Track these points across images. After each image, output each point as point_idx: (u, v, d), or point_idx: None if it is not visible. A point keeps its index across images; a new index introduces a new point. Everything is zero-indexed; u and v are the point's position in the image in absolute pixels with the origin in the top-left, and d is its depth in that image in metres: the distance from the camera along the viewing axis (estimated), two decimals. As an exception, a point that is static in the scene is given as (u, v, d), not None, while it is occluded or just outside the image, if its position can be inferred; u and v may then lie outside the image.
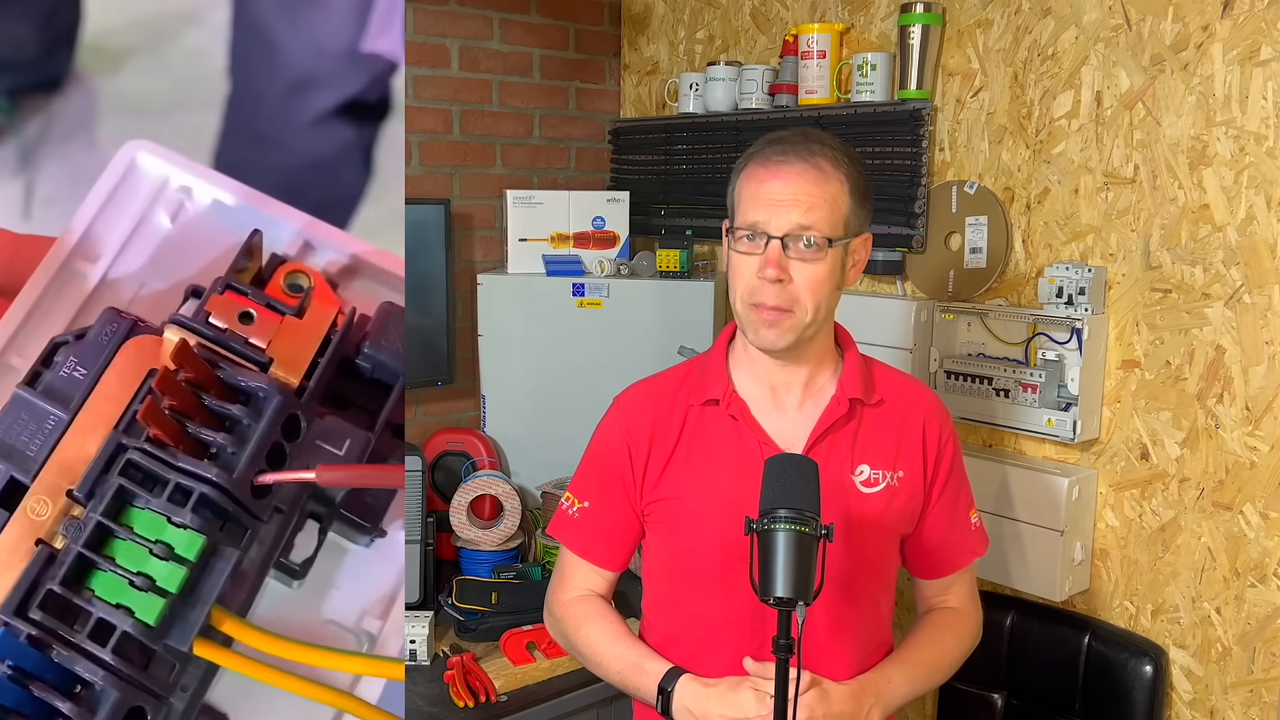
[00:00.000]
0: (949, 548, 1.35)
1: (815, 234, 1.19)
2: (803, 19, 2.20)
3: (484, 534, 2.16)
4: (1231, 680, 1.65)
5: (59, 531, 0.52)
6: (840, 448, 1.27)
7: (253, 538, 0.53)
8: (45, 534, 0.52)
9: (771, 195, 1.20)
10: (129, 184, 0.60)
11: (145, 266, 0.59)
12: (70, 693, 0.49)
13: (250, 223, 0.59)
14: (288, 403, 0.54)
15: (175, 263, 0.59)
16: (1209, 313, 1.63)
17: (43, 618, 0.50)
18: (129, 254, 0.59)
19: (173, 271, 0.59)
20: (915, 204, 1.99)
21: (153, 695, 0.50)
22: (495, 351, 2.34)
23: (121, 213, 0.59)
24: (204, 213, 0.60)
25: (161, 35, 2.26)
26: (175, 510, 0.51)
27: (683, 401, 1.31)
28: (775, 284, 1.19)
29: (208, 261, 0.59)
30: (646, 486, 1.31)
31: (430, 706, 1.67)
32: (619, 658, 1.30)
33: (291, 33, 2.02)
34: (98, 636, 0.50)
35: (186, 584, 0.50)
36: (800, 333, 1.22)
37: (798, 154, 1.21)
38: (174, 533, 0.51)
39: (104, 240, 0.59)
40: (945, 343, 1.93)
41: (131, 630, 0.50)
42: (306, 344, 0.54)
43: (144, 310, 0.58)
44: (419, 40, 2.32)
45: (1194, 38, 1.61)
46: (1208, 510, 1.66)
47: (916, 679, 1.29)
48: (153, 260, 0.59)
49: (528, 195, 2.34)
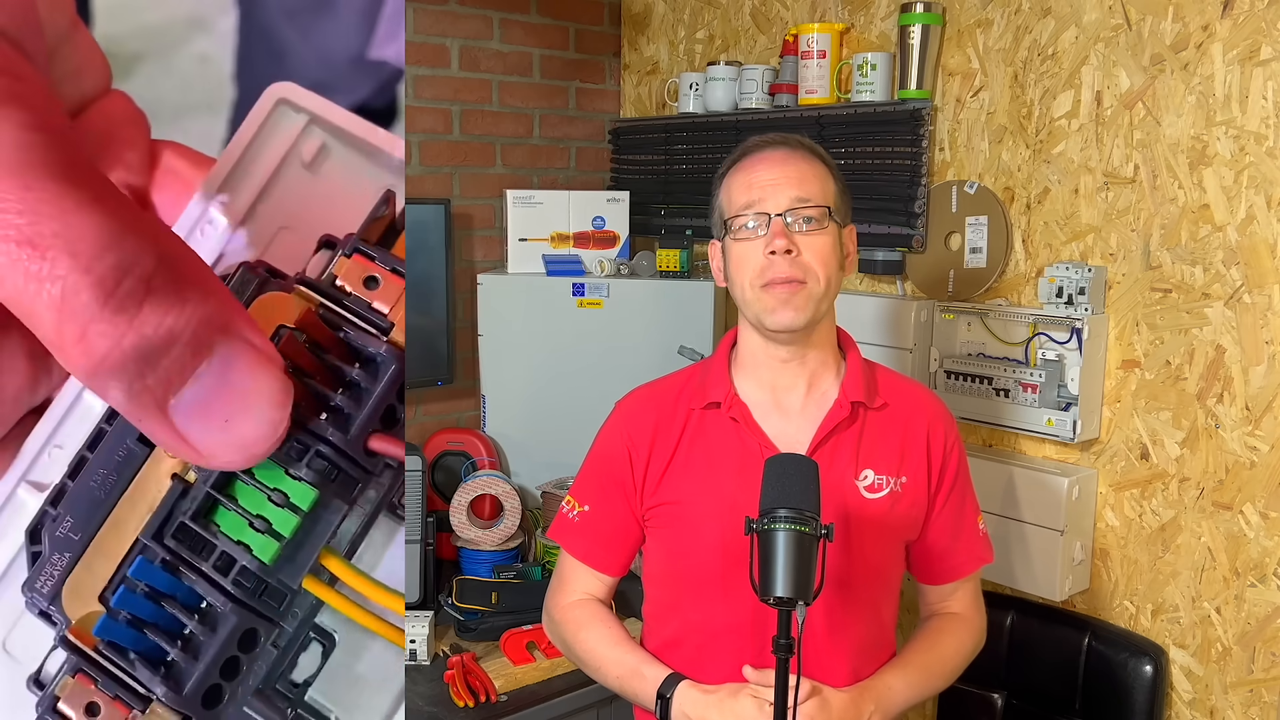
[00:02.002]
0: (954, 554, 1.34)
1: (813, 204, 1.21)
2: (803, 19, 2.20)
3: (484, 534, 2.16)
4: (1231, 680, 1.65)
5: (192, 468, 0.57)
6: (843, 451, 1.27)
7: (362, 491, 0.57)
8: (180, 469, 0.57)
9: (764, 178, 1.24)
10: (271, 127, 0.62)
11: (282, 214, 0.61)
12: (196, 609, 0.56)
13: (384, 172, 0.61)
14: (403, 368, 0.56)
15: (311, 210, 0.61)
16: (1209, 313, 1.63)
17: (175, 545, 0.56)
18: (267, 202, 0.61)
19: (309, 219, 0.60)
20: (915, 204, 1.99)
21: (267, 619, 0.57)
22: (495, 351, 2.34)
23: (263, 158, 0.61)
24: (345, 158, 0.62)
25: (169, 42, 2.27)
26: (292, 464, 0.56)
27: (684, 406, 1.31)
28: (785, 256, 1.19)
29: (342, 211, 0.60)
30: (647, 491, 1.31)
31: (430, 706, 1.67)
32: (618, 663, 1.29)
33: (299, 39, 2.02)
34: (221, 567, 0.56)
35: (299, 530, 0.56)
36: (815, 307, 1.22)
37: (782, 142, 1.27)
38: (290, 484, 0.56)
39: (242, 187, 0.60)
40: (945, 343, 1.93)
41: (249, 565, 0.56)
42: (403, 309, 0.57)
43: (278, 258, 0.59)
44: (419, 40, 2.32)
45: (1194, 37, 1.61)
46: (1208, 510, 1.66)
47: (917, 685, 1.28)
48: (289, 207, 0.61)
49: (528, 195, 2.34)
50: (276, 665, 0.57)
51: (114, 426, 0.57)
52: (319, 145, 0.62)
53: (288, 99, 0.62)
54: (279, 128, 0.62)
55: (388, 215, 0.60)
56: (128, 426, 0.57)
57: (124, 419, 0.54)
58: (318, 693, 0.60)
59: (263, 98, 0.62)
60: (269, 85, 0.63)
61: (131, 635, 0.55)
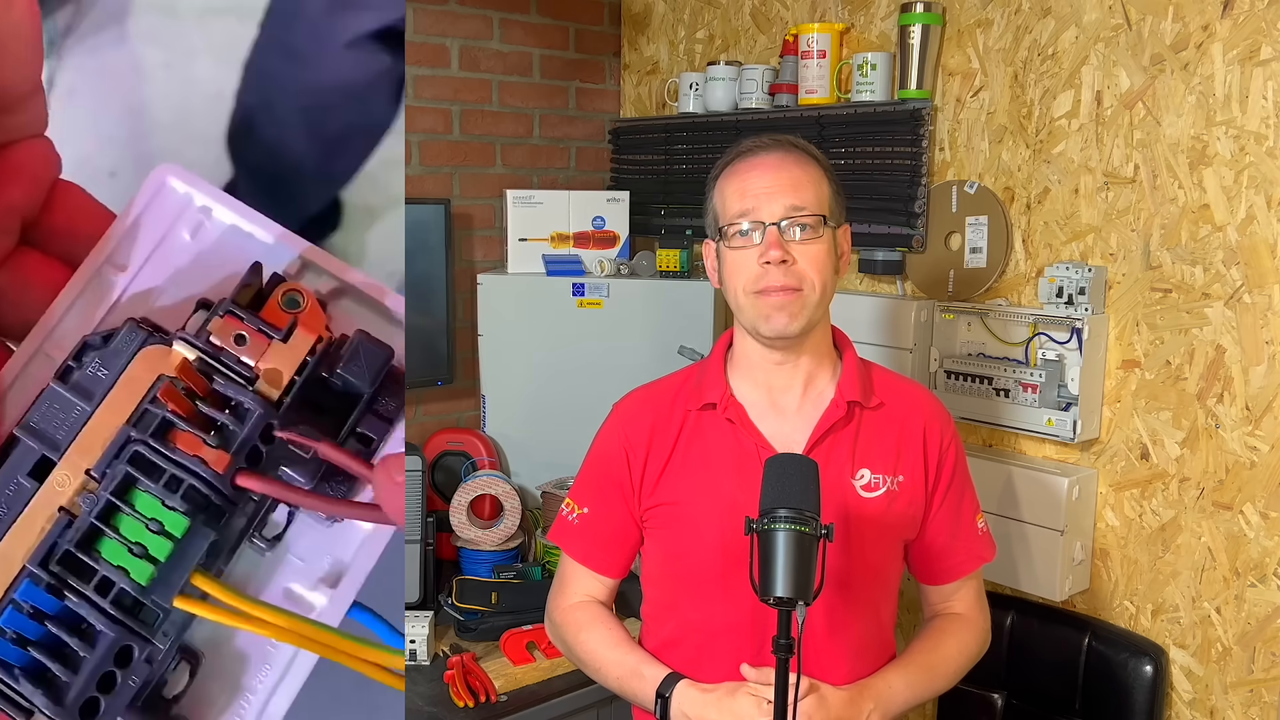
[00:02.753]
0: (954, 553, 1.34)
1: (808, 213, 1.21)
2: (803, 19, 2.20)
3: (484, 534, 2.16)
4: (1231, 680, 1.65)
5: (78, 502, 0.65)
6: (840, 450, 1.27)
7: (229, 520, 0.67)
8: (66, 503, 0.65)
9: (759, 186, 1.23)
10: (158, 203, 0.71)
11: (164, 278, 0.71)
12: (77, 629, 0.64)
13: (258, 244, 0.71)
14: (266, 414, 0.66)
15: (190, 276, 0.71)
16: (1209, 312, 1.63)
17: (59, 570, 0.64)
18: (152, 266, 0.70)
19: (187, 284, 0.70)
20: (915, 204, 1.99)
21: (140, 637, 0.64)
22: (495, 351, 2.34)
23: (149, 229, 0.71)
24: (220, 232, 0.72)
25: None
26: (168, 495, 0.65)
27: (681, 407, 1.31)
28: (780, 266, 1.19)
29: (219, 277, 0.70)
30: (645, 492, 1.31)
31: (430, 706, 1.67)
32: (617, 664, 1.29)
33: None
34: (101, 589, 0.64)
35: (173, 554, 0.65)
36: (810, 314, 1.22)
37: (776, 145, 1.26)
38: (166, 513, 0.65)
39: (132, 253, 0.70)
40: (945, 343, 1.93)
41: (127, 587, 0.64)
42: (287, 364, 0.67)
43: (160, 316, 0.69)
44: (419, 40, 2.32)
45: (1194, 37, 1.61)
46: (1208, 510, 1.66)
47: (918, 685, 1.27)
48: (171, 273, 0.71)
49: (528, 195, 2.34)
50: (149, 680, 0.65)
51: (5, 465, 0.66)
52: (198, 221, 0.72)
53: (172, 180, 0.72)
54: (166, 203, 0.72)
55: (256, 283, 0.69)
56: (18, 463, 0.66)
57: (16, 457, 0.65)
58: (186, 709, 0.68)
59: (150, 177, 0.72)
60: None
61: (17, 653, 0.62)
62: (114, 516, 0.65)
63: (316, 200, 2.15)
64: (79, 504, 0.65)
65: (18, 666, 0.62)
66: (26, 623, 0.63)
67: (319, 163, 2.03)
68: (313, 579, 0.68)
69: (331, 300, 0.71)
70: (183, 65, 2.10)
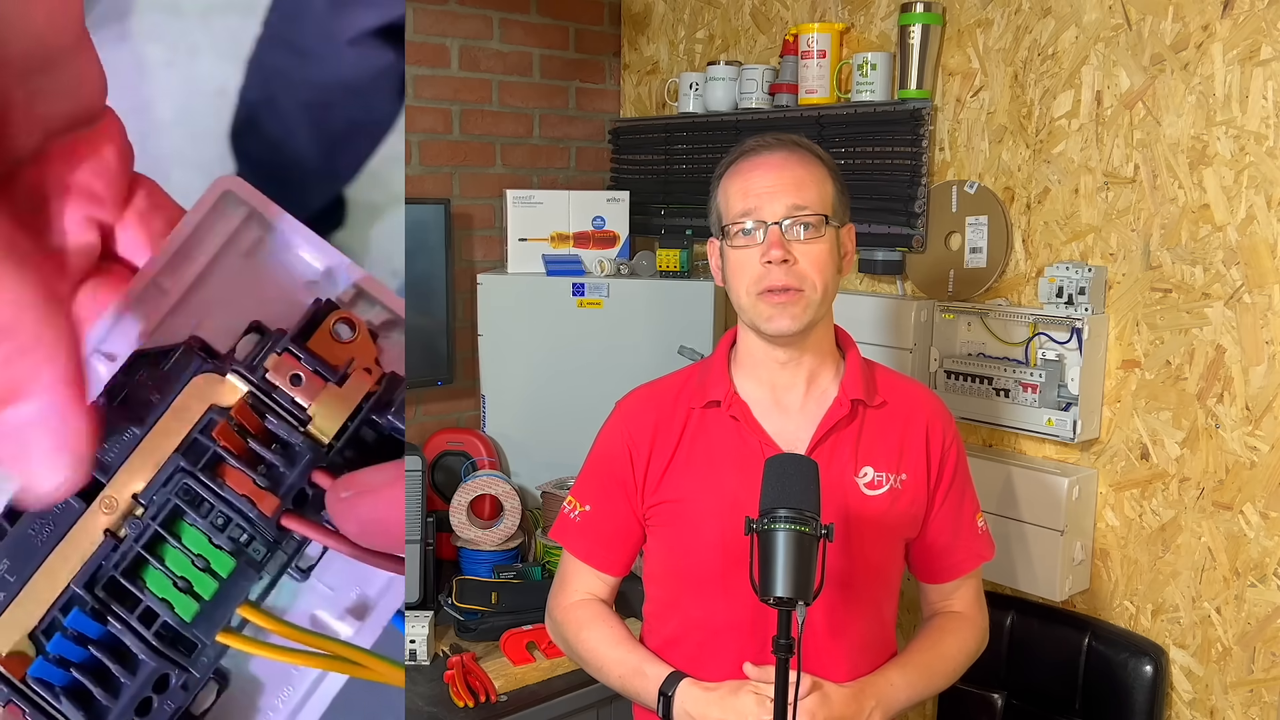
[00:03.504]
0: (954, 552, 1.34)
1: (810, 212, 1.21)
2: (803, 19, 2.20)
3: (484, 534, 2.16)
4: (1231, 680, 1.65)
5: (124, 526, 0.65)
6: (843, 449, 1.27)
7: (271, 558, 0.66)
8: (113, 526, 0.65)
9: (762, 185, 1.23)
10: (217, 214, 0.69)
11: (218, 293, 0.69)
12: (119, 654, 0.64)
13: (313, 268, 0.70)
14: (317, 457, 0.66)
15: (244, 294, 0.69)
16: (1209, 312, 1.63)
17: (104, 595, 0.64)
18: (206, 279, 0.68)
19: (240, 301, 0.69)
20: (915, 204, 1.99)
21: (179, 666, 0.65)
22: (495, 351, 2.34)
23: (207, 240, 0.68)
24: (276, 251, 0.70)
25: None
26: (215, 534, 0.65)
27: (684, 405, 1.31)
28: (782, 265, 1.20)
29: (272, 296, 0.69)
30: (647, 490, 1.31)
31: (430, 706, 1.67)
32: (620, 662, 1.29)
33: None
34: (145, 620, 0.64)
35: (217, 594, 0.65)
36: (812, 314, 1.23)
37: (780, 144, 1.26)
38: (213, 551, 0.65)
39: (188, 264, 0.68)
40: (945, 343, 1.93)
41: (170, 621, 0.64)
42: (341, 410, 0.66)
43: (211, 333, 0.68)
44: (419, 40, 2.32)
45: (1194, 37, 1.61)
46: (1208, 510, 1.66)
47: (919, 683, 1.28)
48: (225, 288, 0.69)
49: (528, 195, 2.34)
50: (183, 705, 0.66)
51: None
52: (257, 237, 0.70)
53: (233, 191, 0.69)
54: (226, 215, 0.69)
55: (318, 320, 0.68)
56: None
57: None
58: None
59: (210, 187, 0.69)
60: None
61: (59, 673, 0.64)
62: (160, 546, 0.65)
63: (320, 197, 2.15)
64: (125, 528, 0.65)
65: (59, 686, 0.63)
66: (70, 645, 0.64)
67: (322, 159, 2.03)
68: (340, 609, 0.69)
69: (383, 333, 0.70)
70: (185, 62, 2.10)
